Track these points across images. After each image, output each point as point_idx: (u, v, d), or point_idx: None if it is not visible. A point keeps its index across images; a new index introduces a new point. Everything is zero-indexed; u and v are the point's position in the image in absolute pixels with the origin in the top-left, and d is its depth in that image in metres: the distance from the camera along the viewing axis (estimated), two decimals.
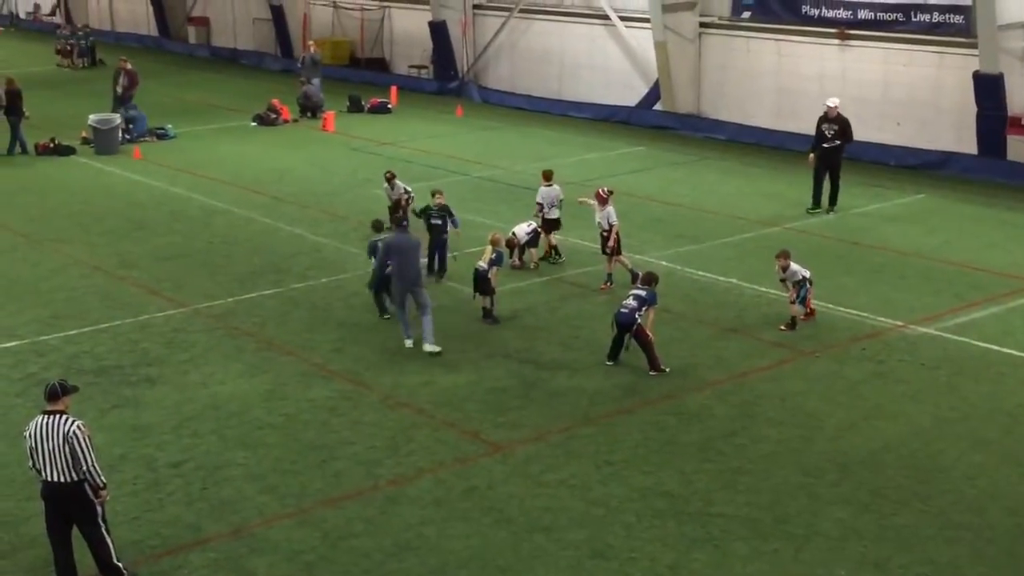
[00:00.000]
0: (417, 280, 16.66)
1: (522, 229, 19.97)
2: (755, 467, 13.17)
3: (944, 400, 14.97)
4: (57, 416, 10.41)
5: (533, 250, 20.21)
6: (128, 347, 16.89)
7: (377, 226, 18.65)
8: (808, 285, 17.35)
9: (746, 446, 13.69)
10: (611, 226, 19.03)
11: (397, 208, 22.22)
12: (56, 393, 10.53)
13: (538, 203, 20.67)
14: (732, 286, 19.40)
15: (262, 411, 14.71)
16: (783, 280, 17.50)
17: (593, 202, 19.51)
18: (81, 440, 10.33)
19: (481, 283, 17.65)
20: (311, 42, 38.84)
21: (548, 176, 20.99)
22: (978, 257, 20.92)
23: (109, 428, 14.15)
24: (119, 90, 33.72)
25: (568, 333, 17.32)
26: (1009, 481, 12.85)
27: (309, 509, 12.33)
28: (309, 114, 35.17)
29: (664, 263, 20.45)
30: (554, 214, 20.64)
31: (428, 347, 16.47)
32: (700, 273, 19.92)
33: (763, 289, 18.89)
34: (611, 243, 19.02)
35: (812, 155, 24.27)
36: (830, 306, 18.22)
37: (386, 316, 17.69)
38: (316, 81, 36.06)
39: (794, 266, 17.28)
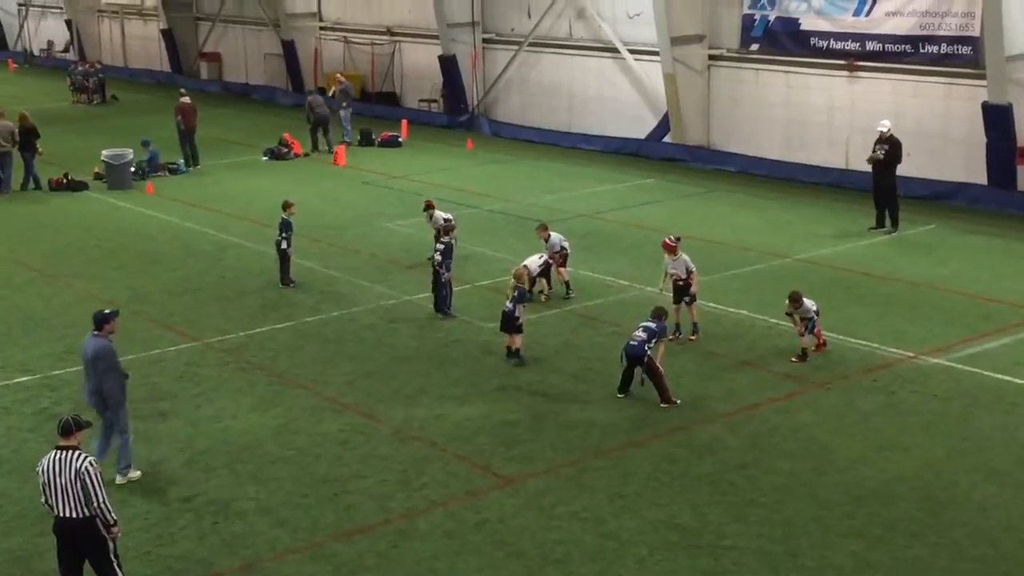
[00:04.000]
0: (105, 398, 13.70)
1: (534, 261, 20.00)
2: (767, 499, 13.13)
3: (957, 431, 14.92)
4: (69, 452, 10.44)
5: (544, 280, 20.23)
6: (140, 381, 16.90)
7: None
8: (816, 317, 17.36)
9: (758, 478, 13.66)
10: (690, 272, 18.27)
11: (439, 236, 22.07)
12: (69, 428, 10.55)
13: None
14: (743, 318, 19.39)
15: (274, 445, 14.73)
16: (790, 315, 17.49)
17: (665, 259, 18.58)
18: (93, 476, 10.36)
19: (509, 322, 17.55)
20: (340, 74, 39.02)
21: (546, 228, 20.93)
22: (989, 288, 20.88)
23: None
24: (179, 125, 33.48)
25: (579, 365, 17.32)
26: (1023, 512, 12.79)
27: (321, 543, 12.32)
28: (321, 131, 35.18)
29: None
30: (568, 250, 20.68)
31: (118, 477, 13.68)
32: (711, 305, 19.91)
33: (773, 320, 18.88)
34: (694, 289, 18.30)
35: (869, 159, 25.07)
36: (841, 337, 18.20)
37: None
38: (344, 113, 36.22)
39: (806, 302, 17.30)
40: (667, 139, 33.70)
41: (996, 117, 26.63)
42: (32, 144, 30.52)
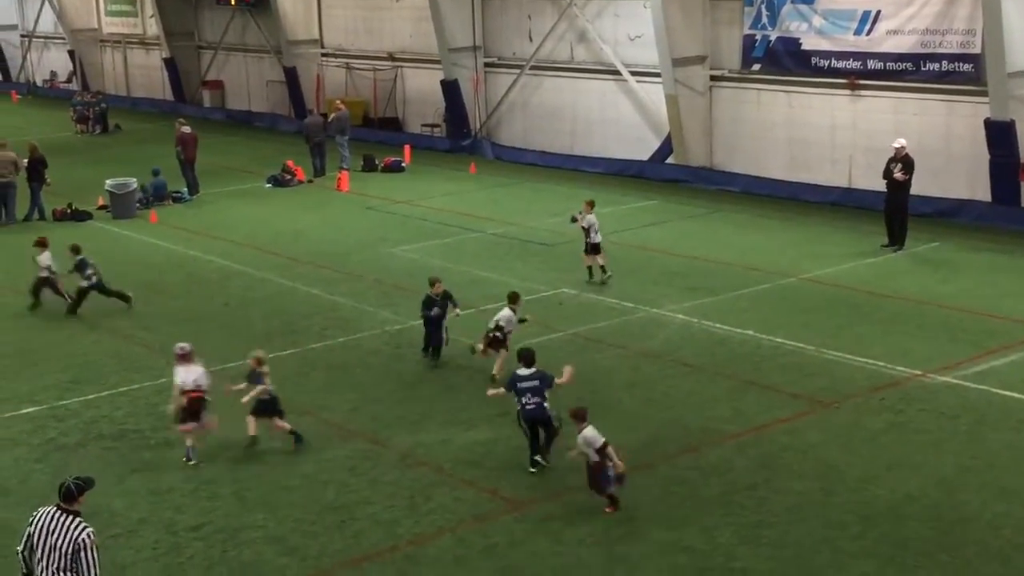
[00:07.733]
0: None
1: (504, 316, 18.09)
2: (777, 520, 13.07)
3: (965, 449, 14.87)
4: (71, 516, 9.91)
5: (492, 349, 17.97)
6: (147, 410, 16.91)
7: None
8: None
9: (767, 499, 13.60)
10: None
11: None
12: (71, 494, 9.97)
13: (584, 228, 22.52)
14: (749, 338, 19.34)
15: (281, 472, 14.69)
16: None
17: None
18: (90, 549, 9.85)
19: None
20: (339, 101, 39.03)
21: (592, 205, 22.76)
22: (995, 304, 20.85)
23: (128, 493, 14.15)
24: (178, 155, 33.35)
25: (584, 388, 17.22)
26: None
27: (329, 571, 12.27)
28: (317, 155, 35.21)
29: (680, 316, 20.46)
30: (597, 238, 22.56)
31: None
32: (717, 326, 19.88)
33: (780, 340, 18.84)
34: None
35: (892, 178, 24.76)
36: (848, 356, 18.16)
37: None
38: (341, 139, 36.01)
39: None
40: (670, 160, 33.72)
41: (999, 134, 26.64)
42: (40, 174, 30.58)
